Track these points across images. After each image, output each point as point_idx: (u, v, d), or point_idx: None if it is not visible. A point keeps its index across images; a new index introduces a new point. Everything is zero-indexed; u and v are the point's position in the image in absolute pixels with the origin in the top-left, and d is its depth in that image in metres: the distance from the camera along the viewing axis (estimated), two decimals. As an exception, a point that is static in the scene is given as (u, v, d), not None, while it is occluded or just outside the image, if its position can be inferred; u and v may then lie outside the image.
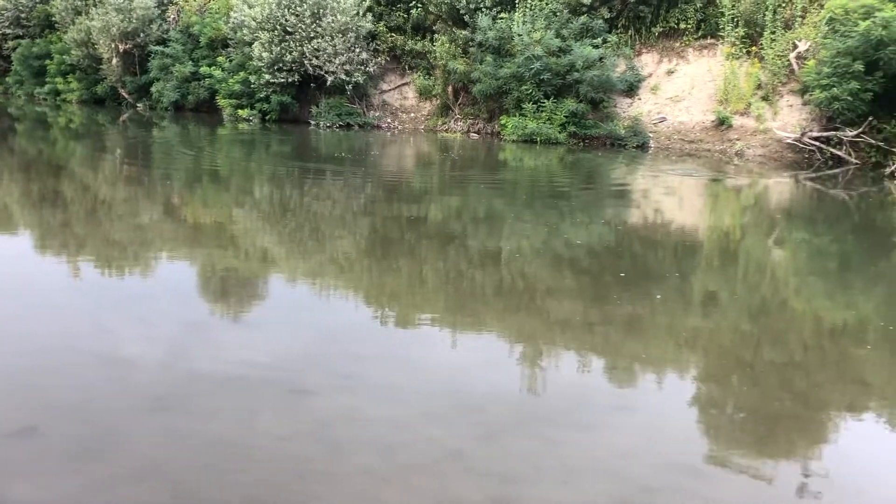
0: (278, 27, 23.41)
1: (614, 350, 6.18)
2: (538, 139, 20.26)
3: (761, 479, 4.27)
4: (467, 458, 4.31)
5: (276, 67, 23.54)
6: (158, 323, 6.41)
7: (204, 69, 25.78)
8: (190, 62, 26.54)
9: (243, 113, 24.56)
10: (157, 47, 27.09)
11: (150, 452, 4.21)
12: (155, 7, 28.12)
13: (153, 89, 27.54)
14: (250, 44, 24.03)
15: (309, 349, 5.93)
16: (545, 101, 20.48)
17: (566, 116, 20.21)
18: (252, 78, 24.10)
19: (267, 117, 24.60)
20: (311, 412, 4.76)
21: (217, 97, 25.52)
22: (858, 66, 16.44)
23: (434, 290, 7.84)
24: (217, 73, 25.25)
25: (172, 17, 28.70)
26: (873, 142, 17.11)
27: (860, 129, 17.15)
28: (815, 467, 4.45)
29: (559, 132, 20.22)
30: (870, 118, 16.94)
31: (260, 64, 23.54)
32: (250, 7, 24.01)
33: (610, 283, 8.10)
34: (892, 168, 16.00)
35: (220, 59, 25.66)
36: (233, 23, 24.84)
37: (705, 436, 4.84)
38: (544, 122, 20.33)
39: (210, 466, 4.09)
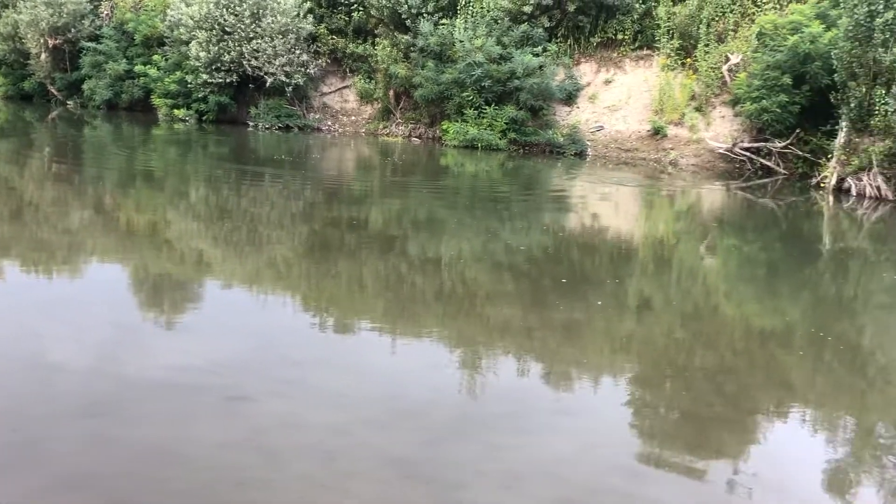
0: (216, 27, 22.99)
1: (554, 355, 6.26)
2: (479, 145, 20.39)
3: (695, 479, 4.39)
4: (409, 464, 4.30)
5: (213, 67, 23.10)
6: (89, 327, 6.22)
7: (139, 67, 25.14)
8: (124, 60, 25.84)
9: (179, 113, 24.03)
10: (90, 43, 26.29)
11: (81, 461, 4.08)
12: (87, 2, 27.30)
13: (85, 87, 26.70)
14: (187, 43, 23.53)
15: (246, 354, 5.83)
16: (486, 107, 20.63)
17: (507, 123, 20.40)
18: (189, 77, 23.60)
19: (204, 118, 24.12)
20: (249, 419, 4.68)
21: (152, 96, 24.92)
22: (787, 80, 17.03)
23: (374, 295, 7.81)
24: (152, 71, 24.65)
25: (105, 12, 27.91)
26: (800, 153, 17.75)
27: (788, 141, 17.78)
28: (744, 467, 4.59)
29: (500, 138, 20.39)
30: (797, 130, 17.58)
31: (197, 63, 23.07)
32: (188, 5, 23.51)
33: (549, 289, 8.20)
34: (818, 179, 16.63)
35: (155, 57, 25.05)
36: (169, 21, 24.29)
37: (642, 438, 4.94)
38: (485, 129, 20.48)
39: (144, 475, 3.98)
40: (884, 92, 15.08)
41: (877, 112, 15.30)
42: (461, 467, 4.31)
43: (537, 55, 20.76)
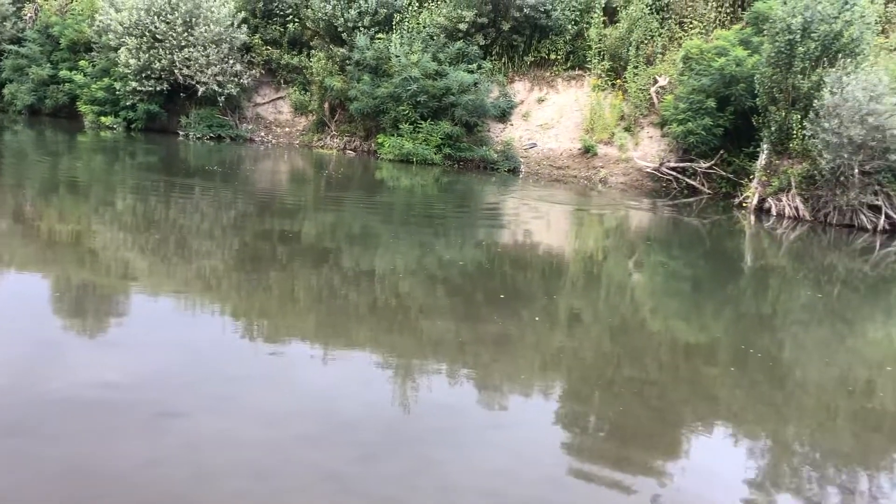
0: (147, 34, 22.50)
1: (487, 369, 6.33)
2: (414, 159, 20.48)
3: (623, 492, 4.50)
4: (344, 480, 4.29)
5: (143, 75, 22.59)
6: (8, 342, 5.99)
7: (64, 73, 24.37)
8: (48, 64, 25.05)
9: (107, 120, 23.36)
10: (12, 47, 25.40)
11: (6, 482, 3.92)
12: (10, 3, 26.37)
13: (5, 91, 25.76)
14: (116, 49, 22.97)
15: (177, 370, 5.71)
16: (422, 122, 20.75)
17: (442, 138, 20.56)
18: (117, 85, 23.00)
19: (132, 126, 23.53)
20: (179, 435, 4.59)
21: (78, 103, 24.16)
22: (711, 103, 17.69)
23: (308, 309, 7.76)
24: (79, 77, 23.93)
25: (29, 15, 27.02)
26: (724, 173, 18.43)
27: (712, 162, 18.44)
28: (670, 480, 4.73)
29: (435, 153, 20.53)
30: (721, 151, 18.26)
31: (126, 70, 22.52)
32: (117, 11, 22.95)
33: (482, 303, 8.29)
34: (740, 199, 17.29)
35: (82, 63, 24.33)
36: (97, 26, 23.66)
37: (573, 451, 5.04)
38: (421, 143, 20.59)
39: (68, 495, 3.86)
40: (801, 117, 15.82)
41: (795, 136, 16.05)
42: (396, 482, 4.33)
43: (472, 72, 21.03)
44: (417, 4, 22.87)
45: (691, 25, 21.01)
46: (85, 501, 3.83)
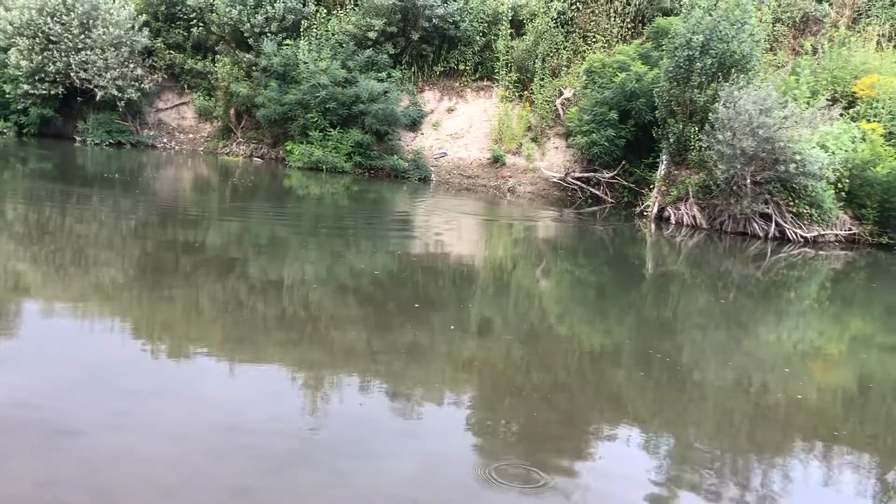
0: (40, 35, 21.47)
1: (397, 378, 6.32)
2: (324, 167, 20.28)
3: (533, 494, 4.57)
4: (254, 494, 4.20)
5: (36, 77, 21.52)
6: None
7: (-53, 73, 22.98)
8: (-71, 64, 23.56)
9: (-4, 125, 22.15)
10: None
11: None
12: None
13: None
14: (5, 50, 21.82)
15: (73, 386, 5.46)
16: (331, 130, 20.59)
17: (352, 146, 20.45)
18: (7, 87, 21.85)
19: (24, 131, 22.38)
20: (77, 454, 4.38)
21: (-37, 106, 22.82)
22: (614, 115, 18.27)
23: (212, 321, 7.56)
24: (-36, 78, 22.60)
25: None
26: (626, 183, 19.07)
27: (615, 172, 19.04)
28: (577, 482, 4.84)
29: (345, 161, 20.39)
30: (623, 162, 18.87)
31: (17, 73, 21.42)
32: (6, 10, 21.82)
33: (392, 312, 8.28)
34: (642, 208, 17.91)
35: (-33, 63, 23.00)
36: (-16, 25, 22.42)
37: (484, 457, 5.09)
38: (330, 151, 20.41)
39: (-46, 522, 3.64)
40: (698, 129, 16.54)
41: (692, 147, 16.76)
42: (306, 494, 4.27)
43: (382, 80, 21.02)
44: (326, 11, 22.70)
45: (594, 39, 21.65)
46: (-28, 528, 3.62)
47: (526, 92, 21.60)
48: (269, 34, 21.93)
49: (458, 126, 22.04)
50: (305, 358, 6.66)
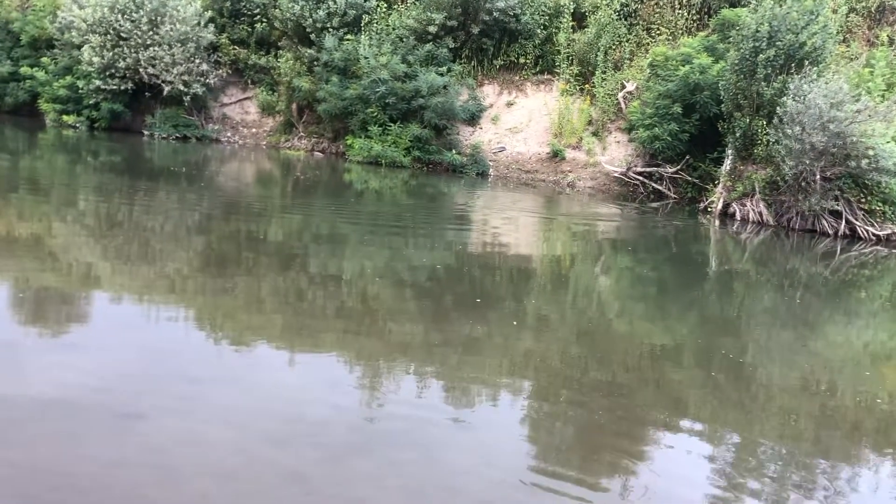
0: (111, 32, 22.14)
1: (453, 371, 6.31)
2: (383, 161, 20.42)
3: (589, 491, 4.51)
4: (309, 481, 4.25)
5: (107, 73, 22.23)
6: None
7: (25, 70, 23.87)
8: (8, 61, 24.53)
9: (69, 119, 22.92)
10: (-30, 42, 24.85)
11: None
12: (-32, -2, 25.80)
13: (-37, 88, 25.19)
14: (79, 47, 22.58)
15: (140, 371, 5.61)
16: (391, 124, 20.70)
17: (411, 141, 20.53)
18: (80, 83, 22.59)
19: (95, 125, 23.13)
20: (143, 437, 4.51)
21: (39, 101, 23.68)
22: (677, 109, 17.89)
23: (273, 312, 7.67)
24: (40, 74, 23.45)
25: (-11, 11, 26.43)
26: (689, 179, 18.67)
27: (678, 167, 18.67)
28: (635, 481, 4.76)
29: (404, 156, 20.49)
30: (687, 157, 18.48)
31: (90, 69, 22.14)
32: (80, 8, 22.55)
33: (451, 306, 8.28)
34: (706, 203, 17.52)
35: (44, 60, 23.85)
36: (59, 23, 23.23)
37: (539, 452, 5.04)
38: (389, 146, 20.53)
39: (31, 497, 3.76)
40: (765, 123, 16.08)
41: (759, 142, 16.31)
42: (362, 483, 4.29)
43: (442, 75, 21.03)
44: (386, 6, 22.82)
45: (658, 32, 21.26)
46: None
47: (587, 85, 21.34)
48: (330, 29, 22.16)
49: (518, 120, 21.90)
50: (364, 349, 6.70)
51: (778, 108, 15.57)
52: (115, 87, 22.38)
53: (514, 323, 7.90)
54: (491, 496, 4.33)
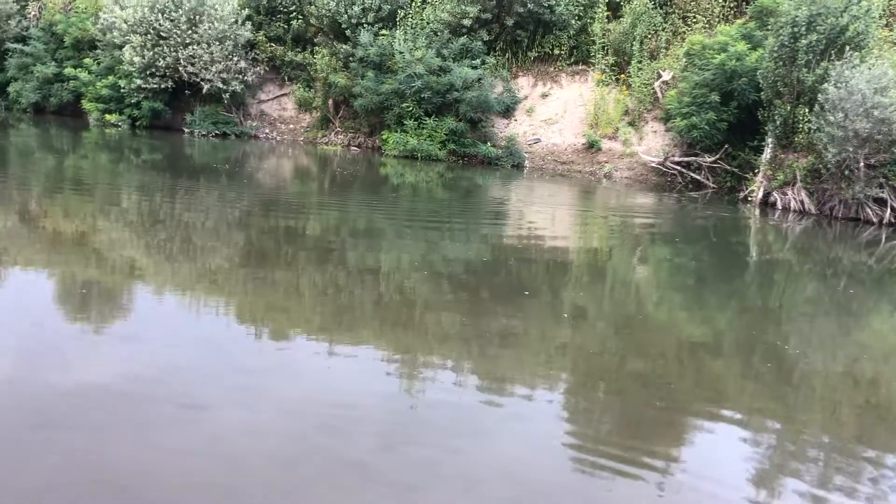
0: (151, 31, 22.55)
1: (504, 362, 6.40)
2: (419, 155, 20.54)
3: (638, 478, 4.58)
4: (367, 468, 4.37)
5: (148, 72, 22.66)
6: (29, 338, 6.07)
7: (69, 70, 24.45)
8: (53, 63, 25.13)
9: (112, 118, 23.43)
10: (16, 45, 25.50)
11: (42, 473, 4.01)
12: (14, 2, 26.44)
13: (10, 89, 25.87)
14: (120, 47, 23.04)
15: (196, 363, 5.80)
16: (426, 118, 20.81)
17: (446, 134, 20.62)
18: (122, 82, 23.07)
19: (137, 123, 23.60)
20: (207, 426, 4.68)
21: (83, 101, 24.24)
22: (715, 97, 17.72)
23: (320, 304, 7.83)
24: (83, 75, 24.00)
25: (33, 13, 27.10)
26: (728, 168, 18.49)
27: (717, 156, 18.50)
28: (686, 466, 4.81)
29: (439, 149, 20.59)
30: (725, 146, 18.30)
31: (131, 68, 22.59)
32: (122, 9, 23.01)
33: (498, 299, 8.36)
34: (746, 193, 17.35)
35: (86, 60, 24.41)
36: (101, 24, 23.74)
37: (586, 442, 5.11)
38: (425, 139, 20.65)
39: (106, 483, 3.95)
40: (807, 110, 15.87)
41: (800, 129, 16.10)
42: (419, 470, 4.41)
43: (476, 68, 21.07)
44: (421, 0, 22.90)
45: (695, 20, 21.05)
46: (125, 491, 3.91)
47: (623, 75, 21.22)
48: (365, 25, 22.31)
49: (553, 111, 21.86)
50: (407, 340, 6.83)
51: (819, 94, 15.35)
52: (155, 86, 22.81)
53: (560, 314, 7.96)
54: (553, 484, 4.42)
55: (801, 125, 16.07)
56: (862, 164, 14.67)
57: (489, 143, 20.90)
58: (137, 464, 4.15)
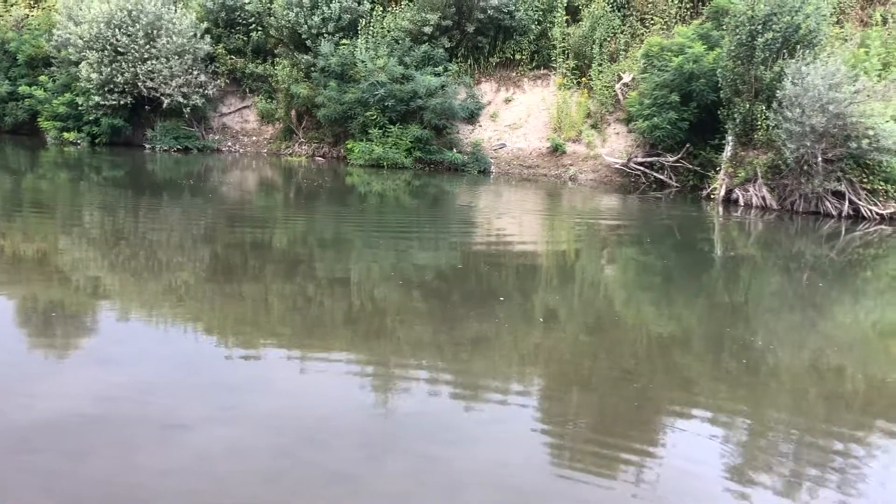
0: (108, 47, 22.26)
1: (481, 367, 6.43)
2: (385, 163, 20.55)
3: (617, 473, 4.64)
4: (353, 480, 4.37)
5: (106, 89, 22.35)
6: (2, 363, 5.97)
7: (23, 89, 24.06)
8: (6, 81, 24.69)
9: (70, 136, 23.07)
10: (-32, 64, 24.99)
11: (23, 498, 3.94)
12: (-36, 21, 25.94)
13: (-37, 109, 25.35)
14: (77, 63, 22.70)
15: (176, 382, 5.74)
16: (391, 126, 20.84)
17: (412, 142, 20.67)
18: (79, 99, 22.74)
19: (97, 140, 23.26)
20: (190, 446, 4.64)
21: (39, 119, 23.84)
22: (675, 98, 18.02)
23: (292, 317, 7.80)
24: (39, 93, 23.61)
25: (-16, 32, 26.56)
26: (691, 166, 18.80)
27: (679, 155, 18.79)
28: (655, 461, 4.89)
29: (405, 157, 20.62)
30: (687, 145, 18.60)
31: (88, 85, 22.27)
32: (76, 24, 22.68)
33: (467, 305, 8.40)
34: (708, 190, 17.65)
35: (41, 78, 24.03)
36: (56, 41, 23.38)
37: (568, 439, 5.17)
38: (390, 147, 20.67)
39: (90, 508, 3.90)
40: (765, 107, 16.20)
41: (759, 126, 16.43)
42: (404, 479, 4.42)
43: (439, 75, 21.16)
44: (381, 9, 22.94)
45: (652, 22, 21.37)
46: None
47: (584, 79, 21.46)
48: (326, 35, 22.29)
49: (516, 116, 22.03)
50: (391, 350, 6.83)
51: (777, 91, 15.69)
52: (114, 102, 22.51)
53: (529, 318, 8.03)
54: (537, 486, 4.45)
55: (759, 122, 16.40)
56: (820, 158, 15.01)
57: (455, 150, 20.99)
58: (122, 486, 4.11)
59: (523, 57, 22.51)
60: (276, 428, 4.98)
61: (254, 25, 23.85)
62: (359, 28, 22.43)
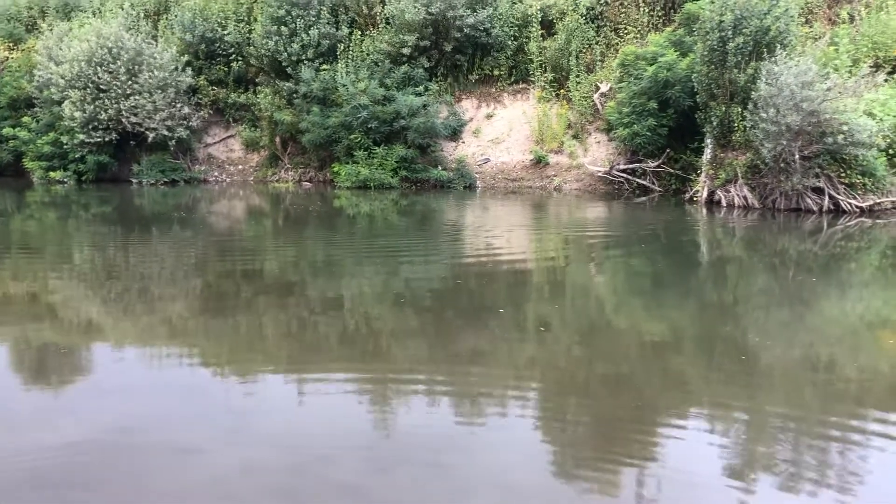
0: (90, 85, 22.43)
1: (481, 378, 6.59)
2: (372, 185, 20.76)
3: (620, 476, 4.80)
4: (364, 491, 4.52)
5: (90, 126, 22.49)
6: (5, 399, 6.07)
7: (7, 130, 24.17)
8: (-11, 123, 24.79)
9: (56, 175, 23.17)
10: (-50, 109, 25.06)
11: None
12: (-56, 66, 26.04)
13: (-54, 154, 25.38)
14: (59, 103, 22.85)
15: (181, 409, 5.86)
16: (375, 147, 21.07)
17: (397, 162, 20.90)
18: (64, 138, 22.86)
19: (83, 178, 23.36)
20: (204, 469, 4.76)
21: (24, 159, 23.93)
22: (653, 105, 18.36)
23: (290, 340, 7.93)
24: (23, 134, 23.73)
25: (-35, 76, 26.66)
26: (672, 171, 19.12)
27: (660, 161, 19.12)
28: (656, 463, 5.05)
29: (391, 177, 20.85)
30: (667, 150, 18.93)
31: (72, 123, 22.41)
32: (57, 64, 22.84)
33: (465, 320, 8.56)
34: (691, 193, 17.95)
35: (25, 119, 24.15)
36: (37, 81, 23.52)
37: (570, 444, 5.33)
38: (377, 168, 20.89)
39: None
40: (741, 109, 16.54)
41: (737, 128, 16.78)
42: (414, 488, 4.57)
43: (420, 94, 21.44)
44: (360, 33, 23.23)
45: (626, 31, 21.76)
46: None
47: (562, 90, 21.80)
48: (306, 61, 22.55)
49: (499, 131, 22.32)
50: (391, 366, 6.97)
51: (752, 93, 16.03)
52: (99, 139, 22.65)
53: (527, 329, 8.20)
54: (543, 488, 4.61)
55: (736, 124, 16.74)
56: (797, 156, 15.33)
57: (440, 167, 21.23)
58: (144, 512, 4.24)
59: (502, 72, 22.85)
60: (286, 446, 5.11)
61: (234, 56, 24.10)
62: (338, 53, 22.71)
